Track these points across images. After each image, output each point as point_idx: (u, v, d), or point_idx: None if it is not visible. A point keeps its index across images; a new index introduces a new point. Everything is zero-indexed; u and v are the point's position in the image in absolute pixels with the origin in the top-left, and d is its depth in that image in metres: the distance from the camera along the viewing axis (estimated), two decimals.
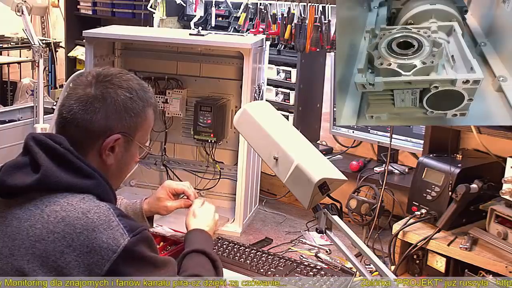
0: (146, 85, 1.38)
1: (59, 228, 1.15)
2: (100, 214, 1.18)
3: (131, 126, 1.31)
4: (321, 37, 2.37)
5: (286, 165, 1.43)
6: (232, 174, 2.44)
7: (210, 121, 2.32)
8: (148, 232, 1.23)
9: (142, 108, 1.33)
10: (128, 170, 1.42)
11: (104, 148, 1.29)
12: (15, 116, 3.35)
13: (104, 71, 1.33)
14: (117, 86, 1.29)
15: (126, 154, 1.34)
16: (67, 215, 1.17)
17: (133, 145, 1.35)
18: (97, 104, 1.27)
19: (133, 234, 1.17)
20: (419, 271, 1.83)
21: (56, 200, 1.19)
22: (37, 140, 1.24)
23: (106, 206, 1.20)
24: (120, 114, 1.29)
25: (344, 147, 2.58)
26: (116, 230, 1.16)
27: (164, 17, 3.00)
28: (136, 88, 1.32)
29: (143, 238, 1.21)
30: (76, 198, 1.20)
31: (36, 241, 1.16)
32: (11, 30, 4.82)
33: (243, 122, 1.61)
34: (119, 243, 1.15)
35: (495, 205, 1.70)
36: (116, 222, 1.18)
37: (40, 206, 1.19)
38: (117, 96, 1.28)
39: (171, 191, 1.77)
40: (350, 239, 1.39)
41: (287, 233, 2.23)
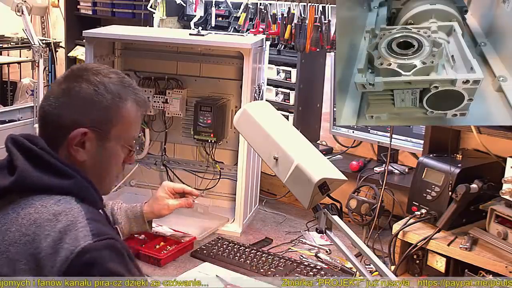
0: (129, 81, 1.32)
1: (30, 231, 1.12)
2: (69, 216, 1.12)
3: (102, 121, 1.25)
4: (321, 37, 2.37)
5: (286, 165, 1.43)
6: (232, 174, 2.43)
7: (210, 121, 2.31)
8: (118, 244, 1.14)
9: (112, 102, 1.26)
10: (111, 171, 1.34)
11: (70, 142, 1.23)
12: (15, 116, 3.35)
13: (78, 66, 1.31)
14: (84, 80, 1.25)
15: (103, 152, 1.27)
16: (39, 217, 1.13)
17: (111, 142, 1.28)
18: (62, 99, 1.24)
19: (97, 239, 1.10)
20: (419, 271, 1.83)
21: (32, 203, 1.16)
22: (15, 141, 1.22)
23: (78, 209, 1.15)
24: (85, 108, 1.24)
25: (344, 147, 2.58)
26: (80, 232, 1.10)
27: (164, 17, 3.00)
28: (106, 82, 1.26)
29: (109, 246, 1.11)
30: (52, 200, 1.15)
31: (9, 244, 1.12)
32: (11, 30, 4.81)
33: (243, 122, 1.61)
34: (78, 244, 1.08)
35: (495, 205, 1.70)
36: (84, 224, 1.11)
37: (17, 209, 1.16)
38: (80, 89, 1.24)
39: (170, 190, 1.77)
40: (350, 239, 1.39)
41: (287, 233, 2.23)
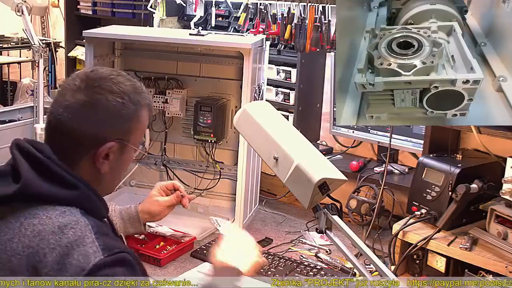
0: (139, 85, 1.30)
1: (34, 243, 1.09)
2: (76, 230, 1.09)
3: (125, 131, 1.24)
4: (321, 37, 2.37)
5: (286, 165, 1.43)
6: (232, 174, 2.43)
7: (210, 121, 2.32)
8: (128, 256, 1.12)
9: (135, 112, 1.25)
10: (123, 173, 1.39)
11: (98, 157, 1.22)
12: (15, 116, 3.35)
13: (92, 74, 1.24)
14: (108, 91, 1.21)
15: (121, 159, 1.27)
16: (43, 229, 1.10)
17: (129, 149, 1.27)
18: (88, 112, 1.19)
19: (108, 254, 1.07)
20: (419, 271, 1.83)
21: (36, 213, 1.12)
22: (20, 147, 1.18)
23: (85, 222, 1.12)
24: (113, 121, 1.22)
25: (344, 147, 2.58)
26: (89, 247, 1.07)
27: (164, 17, 3.00)
28: (127, 91, 1.23)
29: (119, 259, 1.09)
30: (57, 212, 1.12)
31: (12, 255, 1.10)
32: (11, 30, 4.81)
33: (243, 122, 1.61)
34: (89, 261, 1.05)
35: (495, 205, 1.70)
36: (92, 239, 1.09)
37: (20, 218, 1.13)
38: (108, 102, 1.20)
39: (163, 188, 1.78)
40: (350, 239, 1.39)
41: (287, 233, 2.23)
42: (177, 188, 1.79)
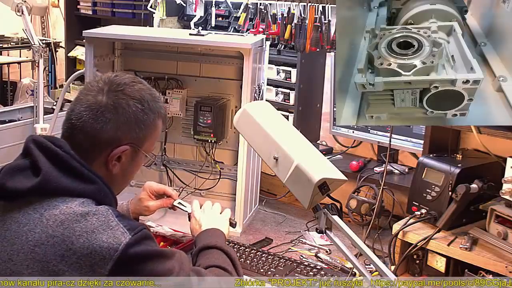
0: (158, 95, 1.37)
1: (58, 232, 1.14)
2: (99, 216, 1.17)
3: (140, 137, 1.30)
4: (321, 37, 2.37)
5: (286, 165, 1.43)
6: (232, 174, 2.43)
7: (210, 121, 2.32)
8: (148, 231, 1.23)
9: (153, 120, 1.32)
10: (131, 177, 1.42)
11: (111, 158, 1.28)
12: (15, 116, 3.35)
13: (116, 79, 1.30)
14: (130, 96, 1.28)
15: (132, 163, 1.34)
16: (66, 218, 1.16)
17: (141, 154, 1.34)
18: (108, 114, 1.25)
19: (134, 233, 1.17)
20: (419, 271, 1.83)
21: (55, 204, 1.18)
22: (38, 143, 1.23)
23: (104, 208, 1.20)
24: (130, 126, 1.28)
25: (344, 147, 2.58)
26: (117, 230, 1.16)
27: (164, 17, 3.00)
28: (148, 99, 1.30)
29: (144, 236, 1.20)
30: (76, 202, 1.19)
31: (35, 245, 1.14)
32: (11, 30, 4.82)
33: (243, 122, 1.61)
34: (120, 241, 1.14)
35: (495, 205, 1.70)
36: (116, 222, 1.17)
37: (40, 210, 1.18)
38: (129, 107, 1.27)
39: (152, 191, 1.76)
40: (350, 239, 1.39)
41: (287, 233, 2.23)
42: (169, 195, 1.77)
